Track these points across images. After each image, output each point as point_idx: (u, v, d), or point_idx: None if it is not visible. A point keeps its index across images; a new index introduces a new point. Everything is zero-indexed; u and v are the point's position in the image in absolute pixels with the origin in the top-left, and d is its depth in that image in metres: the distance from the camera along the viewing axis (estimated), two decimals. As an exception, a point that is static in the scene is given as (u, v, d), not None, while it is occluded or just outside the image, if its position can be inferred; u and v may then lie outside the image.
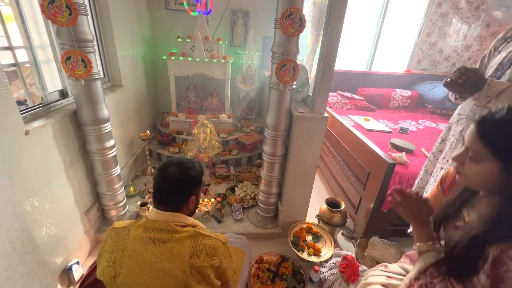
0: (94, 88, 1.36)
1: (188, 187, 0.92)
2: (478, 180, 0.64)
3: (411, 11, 3.27)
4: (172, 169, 0.90)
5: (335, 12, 1.30)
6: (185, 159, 0.95)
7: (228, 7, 2.70)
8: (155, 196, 0.91)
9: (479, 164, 0.61)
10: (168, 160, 0.94)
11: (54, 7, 1.12)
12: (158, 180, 0.90)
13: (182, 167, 0.91)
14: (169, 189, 0.89)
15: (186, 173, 0.91)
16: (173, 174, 0.89)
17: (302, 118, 1.47)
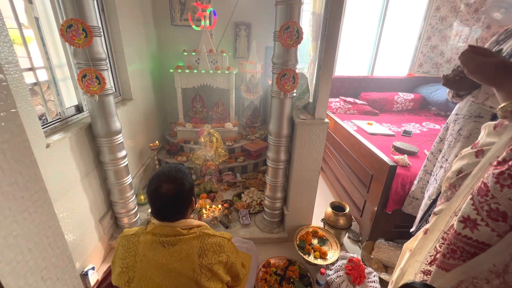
0: (107, 102, 1.46)
1: (185, 198, 0.91)
2: None
3: (410, 16, 3.33)
4: (165, 187, 0.86)
5: (331, 22, 1.37)
6: (172, 169, 0.92)
7: (230, 21, 2.82)
8: (155, 215, 0.89)
9: None
10: (156, 176, 0.90)
11: (72, 30, 1.23)
12: (154, 200, 0.88)
13: (175, 182, 0.88)
14: (168, 208, 0.88)
15: (181, 187, 0.89)
16: (168, 193, 0.86)
17: (303, 124, 1.53)
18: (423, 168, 1.46)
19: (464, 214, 0.58)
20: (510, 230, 0.51)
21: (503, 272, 0.52)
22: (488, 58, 0.62)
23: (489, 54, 0.63)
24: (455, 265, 0.59)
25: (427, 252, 0.75)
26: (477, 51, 0.64)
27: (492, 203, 0.53)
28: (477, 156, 0.68)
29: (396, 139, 2.25)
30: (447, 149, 1.26)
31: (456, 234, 0.59)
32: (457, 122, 1.24)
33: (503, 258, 0.52)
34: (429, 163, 1.42)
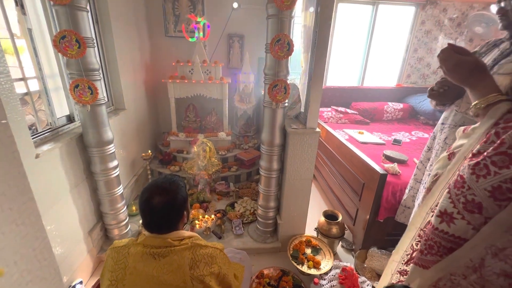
0: (99, 112, 1.46)
1: (177, 212, 0.90)
2: None
3: (397, 29, 3.46)
4: (157, 199, 0.85)
5: (321, 35, 1.42)
6: (166, 181, 0.91)
7: (224, 32, 2.88)
8: (146, 227, 0.88)
9: None
10: (149, 187, 0.89)
11: (65, 41, 1.24)
12: (145, 212, 0.87)
13: (167, 194, 0.87)
14: (160, 221, 0.87)
15: (174, 200, 0.88)
16: (162, 207, 0.86)
17: (295, 134, 1.56)
18: (414, 177, 1.49)
19: (441, 208, 0.60)
20: (485, 223, 0.53)
21: (479, 266, 0.53)
22: (465, 57, 0.64)
23: (466, 53, 0.66)
24: (432, 261, 0.60)
25: (404, 251, 0.76)
26: (456, 49, 0.67)
27: (468, 194, 0.54)
28: (450, 158, 0.71)
29: (386, 148, 2.30)
30: (435, 157, 1.29)
31: (434, 229, 0.60)
32: (443, 131, 1.28)
33: (479, 252, 0.53)
34: (418, 172, 1.45)
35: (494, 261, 0.51)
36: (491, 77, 0.63)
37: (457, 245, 0.57)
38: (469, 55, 0.65)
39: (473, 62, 0.63)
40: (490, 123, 0.57)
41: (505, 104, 0.58)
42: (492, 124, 0.57)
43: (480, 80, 0.63)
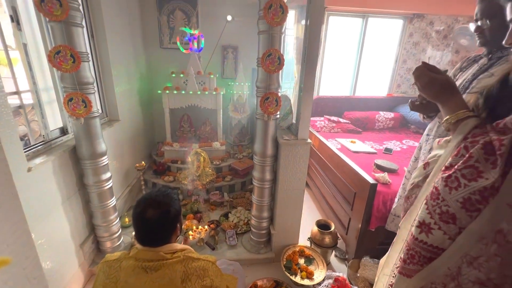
0: (93, 125, 1.47)
1: (170, 225, 0.91)
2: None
3: (387, 41, 3.58)
4: (150, 212, 0.87)
5: (310, 49, 1.47)
6: (159, 194, 0.93)
7: (218, 44, 2.94)
8: (139, 240, 0.89)
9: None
10: (142, 201, 0.91)
11: (60, 56, 1.27)
12: (138, 224, 0.88)
13: (160, 207, 0.89)
14: (153, 234, 0.88)
15: (168, 213, 0.89)
16: (155, 220, 0.87)
17: (287, 145, 1.59)
18: (402, 186, 1.52)
19: (420, 219, 0.62)
20: (459, 233, 0.56)
21: (456, 275, 0.56)
22: (437, 75, 0.69)
23: (438, 71, 0.70)
24: (414, 270, 0.63)
25: (394, 264, 0.78)
26: (429, 67, 0.71)
27: (443, 205, 0.57)
28: (425, 168, 0.75)
29: (378, 157, 2.34)
30: (421, 167, 1.33)
31: (414, 239, 0.63)
32: (428, 142, 1.33)
33: (455, 261, 0.56)
34: (407, 181, 1.48)
35: (469, 270, 0.54)
36: (460, 94, 0.68)
37: (436, 255, 0.59)
38: (440, 73, 0.69)
39: (444, 80, 0.68)
40: (460, 137, 0.61)
41: (472, 120, 0.61)
42: (462, 139, 0.61)
43: (450, 97, 0.68)
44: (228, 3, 2.82)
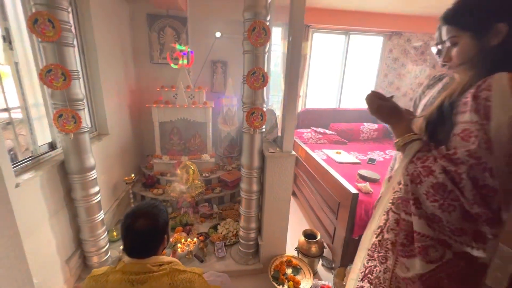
0: (82, 140, 1.50)
1: (160, 235, 0.94)
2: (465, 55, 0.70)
3: (368, 56, 3.78)
4: (140, 223, 0.89)
5: (293, 63, 1.57)
6: (148, 206, 0.96)
7: (207, 59, 3.04)
8: (128, 251, 0.91)
9: (458, 44, 0.71)
10: (131, 213, 0.93)
11: (51, 75, 1.31)
12: (128, 236, 0.90)
13: (150, 219, 0.92)
14: (143, 245, 0.90)
15: (156, 224, 0.92)
16: (144, 231, 0.89)
17: (272, 157, 1.65)
18: (381, 194, 1.60)
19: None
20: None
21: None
22: (385, 102, 0.78)
23: (385, 99, 0.79)
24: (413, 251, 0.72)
25: (358, 269, 0.85)
26: (377, 95, 0.80)
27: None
28: (389, 181, 0.83)
29: (362, 167, 2.44)
30: (397, 177, 1.42)
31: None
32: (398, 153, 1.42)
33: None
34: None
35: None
36: (406, 119, 0.77)
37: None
38: (387, 101, 0.79)
39: (390, 107, 0.77)
40: (406, 160, 0.70)
41: (416, 143, 0.70)
42: (408, 162, 0.69)
43: (398, 121, 0.77)
44: (217, 20, 2.95)
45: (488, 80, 0.60)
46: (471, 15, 0.67)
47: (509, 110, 0.56)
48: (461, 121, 0.63)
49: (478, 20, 0.66)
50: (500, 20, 0.62)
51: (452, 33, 0.71)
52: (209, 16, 2.92)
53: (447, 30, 0.72)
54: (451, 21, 0.71)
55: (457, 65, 0.73)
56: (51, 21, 1.25)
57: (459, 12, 0.70)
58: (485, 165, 0.57)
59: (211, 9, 2.87)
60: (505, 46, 0.63)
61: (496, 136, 0.56)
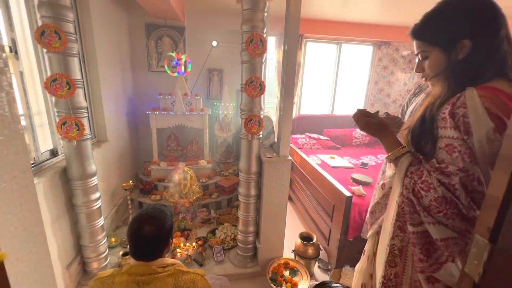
0: (84, 146, 1.54)
1: (166, 239, 0.99)
2: (433, 69, 0.77)
3: (359, 64, 3.92)
4: (147, 228, 0.93)
5: (288, 71, 1.66)
6: (154, 210, 1.00)
7: (204, 67, 3.11)
8: (135, 254, 0.94)
9: (430, 58, 0.78)
10: (138, 217, 0.97)
11: (56, 84, 1.36)
12: (136, 239, 0.94)
13: (156, 222, 0.96)
14: (148, 248, 0.94)
15: (162, 228, 0.96)
16: (151, 235, 0.93)
17: (269, 162, 1.72)
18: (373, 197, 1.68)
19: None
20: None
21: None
22: (371, 119, 0.84)
23: (371, 116, 0.86)
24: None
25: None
26: (364, 113, 0.86)
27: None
28: (383, 188, 0.90)
29: (354, 171, 2.52)
30: (388, 180, 1.50)
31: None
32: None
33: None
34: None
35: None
36: (392, 132, 0.84)
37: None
38: (373, 117, 0.85)
39: (376, 123, 0.84)
40: (401, 176, 0.76)
41: (406, 157, 0.76)
42: (404, 175, 0.76)
43: (385, 136, 0.84)
44: (213, 30, 3.04)
45: (461, 97, 0.66)
46: (439, 32, 0.73)
47: (485, 125, 0.62)
48: (444, 136, 0.69)
49: (445, 37, 0.72)
50: (465, 37, 0.69)
51: (422, 48, 0.77)
52: (205, 26, 3.01)
53: (418, 45, 0.79)
54: (421, 37, 0.77)
55: (431, 76, 0.79)
56: (57, 33, 1.30)
57: (428, 29, 0.76)
58: (472, 176, 0.63)
59: (207, 20, 2.96)
60: (470, 59, 0.70)
61: (479, 149, 0.63)
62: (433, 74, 0.78)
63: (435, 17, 0.74)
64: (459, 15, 0.70)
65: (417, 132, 0.77)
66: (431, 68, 0.78)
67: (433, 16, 0.75)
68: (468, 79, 0.69)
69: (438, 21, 0.74)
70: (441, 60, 0.74)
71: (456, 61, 0.72)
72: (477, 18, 0.69)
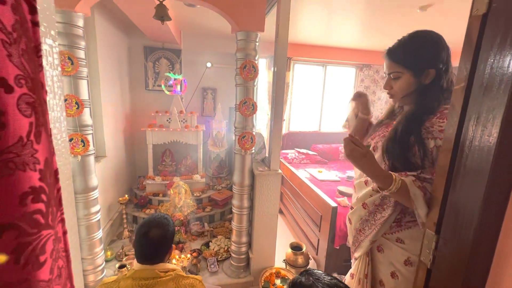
0: (88, 162, 1.64)
1: (169, 243, 1.08)
2: (403, 90, 0.87)
3: (343, 84, 4.22)
4: (153, 232, 1.03)
5: (277, 98, 1.84)
6: (159, 217, 1.09)
7: (198, 86, 3.30)
8: (140, 258, 1.02)
9: (400, 79, 0.86)
10: (146, 222, 1.07)
11: (66, 103, 1.48)
12: (143, 244, 1.02)
13: (162, 228, 1.05)
14: (154, 251, 1.03)
15: (167, 232, 1.06)
16: (156, 237, 1.03)
17: (261, 175, 1.86)
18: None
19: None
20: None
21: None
22: (357, 147, 0.84)
23: (360, 145, 0.85)
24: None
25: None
26: (353, 140, 0.86)
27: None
28: (366, 184, 1.02)
29: (341, 184, 2.69)
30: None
31: None
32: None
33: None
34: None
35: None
36: (376, 163, 0.85)
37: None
38: (361, 146, 0.85)
39: (362, 152, 0.83)
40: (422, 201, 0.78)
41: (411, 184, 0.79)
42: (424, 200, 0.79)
43: (369, 166, 0.84)
44: (208, 52, 3.26)
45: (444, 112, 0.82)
46: (414, 58, 0.85)
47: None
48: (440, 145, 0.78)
49: (418, 64, 0.85)
50: (431, 67, 0.84)
51: (396, 69, 0.88)
52: (200, 49, 3.23)
53: (392, 65, 0.89)
54: (397, 59, 0.88)
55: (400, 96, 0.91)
56: (70, 59, 1.45)
57: (404, 54, 0.86)
58: None
59: (202, 43, 3.18)
60: (434, 85, 0.85)
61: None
62: (402, 94, 0.89)
63: (411, 44, 0.87)
64: (429, 46, 0.85)
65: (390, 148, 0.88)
66: (401, 88, 0.89)
67: (410, 43, 0.87)
68: (435, 101, 0.85)
69: (413, 49, 0.86)
70: (411, 83, 0.87)
71: (423, 85, 0.86)
72: (438, 50, 0.84)
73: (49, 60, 0.57)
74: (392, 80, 0.91)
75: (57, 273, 0.31)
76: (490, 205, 0.58)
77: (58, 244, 0.32)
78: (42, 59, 0.36)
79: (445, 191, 0.74)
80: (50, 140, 0.35)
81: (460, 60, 0.64)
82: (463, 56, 0.63)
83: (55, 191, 0.34)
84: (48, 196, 0.31)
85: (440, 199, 0.76)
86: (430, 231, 0.77)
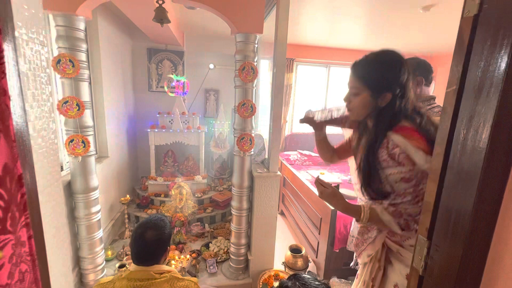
0: (88, 162, 1.67)
1: (165, 245, 1.08)
2: (360, 108, 0.87)
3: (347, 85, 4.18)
4: (149, 233, 1.03)
5: (276, 101, 1.84)
6: (156, 219, 1.10)
7: (201, 88, 3.32)
8: (136, 259, 1.03)
9: (358, 96, 0.86)
10: (142, 224, 1.07)
11: (67, 105, 1.51)
12: (139, 245, 1.03)
13: (158, 229, 1.06)
14: (149, 252, 1.03)
15: (162, 234, 1.06)
16: (152, 239, 1.03)
17: (260, 177, 1.86)
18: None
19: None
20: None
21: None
22: (325, 189, 0.96)
23: (327, 185, 0.97)
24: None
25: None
26: (321, 182, 0.98)
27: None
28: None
29: (343, 186, 2.66)
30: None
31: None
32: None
33: None
34: (359, 206, 1.78)
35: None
36: (343, 199, 0.94)
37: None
38: (327, 186, 0.96)
39: (329, 192, 0.95)
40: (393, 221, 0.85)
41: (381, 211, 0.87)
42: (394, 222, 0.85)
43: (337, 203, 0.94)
44: (210, 54, 3.28)
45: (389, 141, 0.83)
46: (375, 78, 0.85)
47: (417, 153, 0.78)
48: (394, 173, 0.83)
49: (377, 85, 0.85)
50: (389, 90, 0.83)
51: (357, 84, 0.87)
52: (203, 50, 3.25)
53: (353, 80, 0.89)
54: (360, 75, 0.87)
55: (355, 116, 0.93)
56: (71, 61, 1.48)
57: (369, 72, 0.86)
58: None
59: (205, 45, 3.20)
60: (389, 107, 0.85)
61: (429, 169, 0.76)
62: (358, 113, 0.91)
63: (375, 64, 0.86)
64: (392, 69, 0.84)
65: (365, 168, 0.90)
66: (358, 106, 0.90)
67: (375, 63, 0.86)
68: (387, 123, 0.85)
69: (376, 69, 0.86)
70: (368, 103, 0.87)
71: (379, 108, 0.86)
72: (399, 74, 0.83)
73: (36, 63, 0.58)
74: (352, 95, 0.91)
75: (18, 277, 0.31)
76: (482, 210, 0.56)
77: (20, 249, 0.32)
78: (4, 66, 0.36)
79: (437, 196, 0.73)
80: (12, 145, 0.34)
81: (452, 62, 0.62)
82: (455, 58, 0.61)
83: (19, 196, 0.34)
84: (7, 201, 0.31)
85: (432, 204, 0.74)
86: (422, 237, 0.76)
